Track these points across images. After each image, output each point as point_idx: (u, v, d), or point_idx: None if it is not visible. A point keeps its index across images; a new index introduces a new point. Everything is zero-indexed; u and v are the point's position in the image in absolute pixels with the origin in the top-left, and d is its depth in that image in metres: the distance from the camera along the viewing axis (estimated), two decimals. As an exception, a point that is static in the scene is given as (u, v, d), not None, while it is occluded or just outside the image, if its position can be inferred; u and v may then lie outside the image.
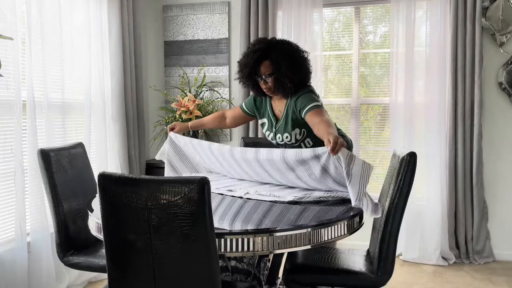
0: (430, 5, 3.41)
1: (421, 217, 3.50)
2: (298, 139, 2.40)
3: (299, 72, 2.28)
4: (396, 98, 3.48)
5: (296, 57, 2.29)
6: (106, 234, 1.44)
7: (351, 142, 2.54)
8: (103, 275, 3.05)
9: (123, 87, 3.35)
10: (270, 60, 2.25)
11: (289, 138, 2.39)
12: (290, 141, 2.41)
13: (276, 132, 2.45)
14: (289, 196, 1.95)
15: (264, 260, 1.98)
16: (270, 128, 2.48)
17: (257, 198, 1.99)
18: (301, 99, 2.27)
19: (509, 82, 3.34)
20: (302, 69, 2.30)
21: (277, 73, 2.25)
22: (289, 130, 2.37)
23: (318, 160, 1.87)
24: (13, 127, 2.45)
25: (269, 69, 2.26)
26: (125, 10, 3.35)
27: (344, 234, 1.66)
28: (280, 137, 2.42)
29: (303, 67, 2.31)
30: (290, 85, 2.27)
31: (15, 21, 2.42)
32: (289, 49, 2.29)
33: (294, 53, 2.29)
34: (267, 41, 2.32)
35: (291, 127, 2.35)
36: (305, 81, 2.34)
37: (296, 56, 2.29)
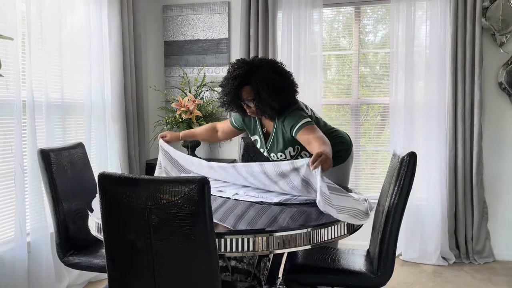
0: (430, 5, 3.41)
1: (421, 217, 3.50)
2: (293, 155, 2.37)
3: (281, 97, 2.19)
4: (396, 98, 3.48)
5: (276, 84, 2.17)
6: (106, 234, 1.44)
7: (350, 141, 2.54)
8: (103, 275, 3.05)
9: (123, 87, 3.35)
10: (250, 86, 2.18)
11: (283, 156, 2.37)
12: (285, 159, 2.38)
13: (269, 151, 2.42)
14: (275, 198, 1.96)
15: (264, 260, 1.98)
16: (263, 146, 2.45)
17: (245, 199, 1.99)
18: (288, 120, 2.22)
19: (509, 82, 3.34)
20: (284, 93, 2.20)
21: (257, 100, 2.18)
22: (282, 149, 2.34)
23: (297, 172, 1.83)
24: (13, 127, 2.45)
25: (250, 95, 2.20)
26: (125, 10, 3.35)
27: (344, 234, 1.66)
28: (275, 156, 2.40)
29: (285, 92, 2.21)
30: (271, 112, 2.21)
31: (15, 21, 2.42)
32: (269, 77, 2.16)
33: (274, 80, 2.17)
34: (246, 65, 2.21)
35: (283, 146, 2.32)
36: (289, 103, 2.25)
37: (277, 83, 2.18)
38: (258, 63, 2.22)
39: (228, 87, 2.23)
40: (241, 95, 2.22)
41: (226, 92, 2.25)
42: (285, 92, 2.21)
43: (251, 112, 2.29)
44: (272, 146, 2.38)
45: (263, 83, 2.14)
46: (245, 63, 2.23)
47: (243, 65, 2.21)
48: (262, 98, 2.16)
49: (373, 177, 3.79)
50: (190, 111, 3.57)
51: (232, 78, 2.20)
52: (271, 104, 2.17)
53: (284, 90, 2.21)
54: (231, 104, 2.29)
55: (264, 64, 2.22)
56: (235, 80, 2.18)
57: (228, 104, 2.29)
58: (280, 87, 2.18)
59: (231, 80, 2.20)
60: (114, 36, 3.27)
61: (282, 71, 2.25)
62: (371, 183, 3.79)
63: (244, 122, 2.51)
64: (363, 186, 3.80)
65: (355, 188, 3.74)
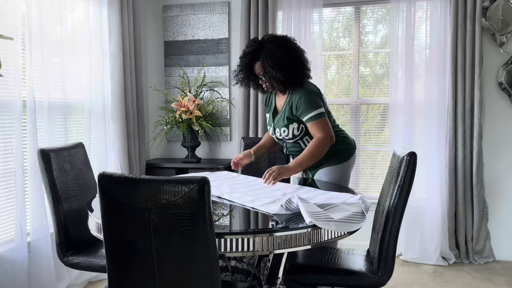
0: (430, 5, 3.41)
1: (421, 217, 3.50)
2: (296, 135, 2.41)
3: (284, 70, 2.29)
4: (396, 98, 3.48)
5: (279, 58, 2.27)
6: (106, 234, 1.44)
7: (354, 144, 2.55)
8: (103, 275, 3.05)
9: (123, 87, 3.34)
10: (260, 61, 2.33)
11: (286, 132, 2.42)
12: (287, 136, 2.43)
13: (275, 126, 2.49)
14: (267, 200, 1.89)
15: (264, 260, 1.98)
16: (271, 122, 2.53)
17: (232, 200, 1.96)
18: (303, 102, 2.31)
19: (509, 82, 3.34)
20: (287, 67, 2.29)
21: (265, 74, 2.32)
22: (286, 124, 2.40)
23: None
24: (13, 127, 2.45)
25: (261, 70, 2.35)
26: (125, 10, 3.35)
27: (344, 234, 1.66)
28: (278, 131, 2.47)
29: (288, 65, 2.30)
30: (277, 84, 2.33)
31: (15, 21, 2.42)
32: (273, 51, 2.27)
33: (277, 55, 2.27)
34: (256, 42, 2.36)
35: (288, 121, 2.39)
36: (297, 80, 2.35)
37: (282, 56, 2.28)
38: (266, 39, 2.35)
39: (241, 65, 2.40)
40: (255, 70, 2.38)
41: (240, 69, 2.42)
42: (290, 64, 2.30)
43: (266, 87, 2.42)
44: (279, 121, 2.46)
45: (267, 57, 2.28)
46: (255, 41, 2.38)
47: (254, 43, 2.36)
48: (267, 71, 2.30)
49: (373, 177, 3.79)
50: (190, 111, 3.57)
51: (244, 56, 2.38)
52: (276, 77, 2.29)
53: (287, 64, 2.30)
54: (246, 80, 2.43)
55: (272, 40, 2.33)
56: (247, 57, 2.36)
57: (243, 80, 2.44)
58: (283, 60, 2.28)
59: (243, 58, 2.38)
60: (114, 36, 3.27)
61: (288, 46, 2.34)
62: (371, 183, 3.79)
63: (265, 103, 2.66)
64: (363, 186, 3.80)
65: (355, 188, 3.74)
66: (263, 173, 2.20)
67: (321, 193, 2.00)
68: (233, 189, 2.07)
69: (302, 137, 2.42)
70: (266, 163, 3.04)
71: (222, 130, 3.90)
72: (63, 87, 2.85)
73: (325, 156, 2.41)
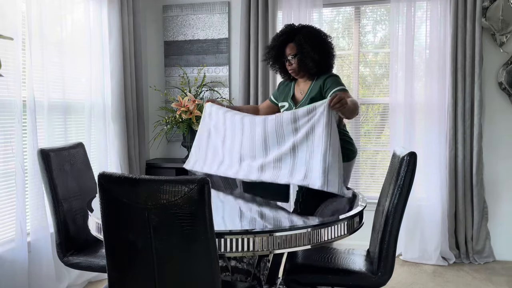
0: (430, 5, 3.41)
1: (421, 217, 3.50)
2: None
3: (321, 53, 2.43)
4: (396, 98, 3.48)
5: (318, 40, 2.45)
6: (106, 234, 1.44)
7: (355, 148, 2.58)
8: (103, 275, 3.05)
9: (123, 87, 3.35)
10: (294, 42, 2.45)
11: None
12: None
13: None
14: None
15: (264, 260, 1.98)
16: (290, 108, 2.57)
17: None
18: (331, 80, 2.43)
19: (509, 82, 3.34)
20: (324, 50, 2.45)
21: (300, 54, 2.43)
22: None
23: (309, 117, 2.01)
24: (13, 127, 2.45)
25: (293, 51, 2.45)
26: (125, 10, 3.35)
27: (344, 234, 1.66)
28: None
29: (325, 49, 2.46)
30: (312, 65, 2.43)
31: (15, 21, 2.42)
32: (312, 32, 2.46)
33: (316, 35, 2.46)
34: (293, 26, 2.51)
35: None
36: (328, 63, 2.49)
37: (318, 39, 2.45)
38: (303, 25, 2.54)
39: (273, 43, 2.53)
40: (285, 52, 2.49)
41: (272, 47, 2.54)
42: (326, 49, 2.47)
43: (292, 69, 2.50)
44: (303, 105, 2.49)
45: (306, 38, 2.41)
46: (291, 25, 2.54)
47: (290, 26, 2.52)
48: (304, 51, 2.41)
49: (373, 177, 3.79)
50: (190, 111, 3.57)
51: (278, 35, 2.51)
52: (313, 57, 2.41)
53: (325, 47, 2.47)
54: (275, 60, 2.55)
55: (308, 26, 2.54)
56: (281, 36, 2.49)
57: (272, 58, 2.55)
58: (322, 43, 2.46)
59: (277, 37, 2.51)
60: (114, 36, 3.27)
61: (323, 33, 2.53)
62: (371, 183, 3.79)
63: (278, 91, 2.72)
64: (363, 186, 3.80)
65: (355, 188, 3.74)
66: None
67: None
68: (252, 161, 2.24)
69: None
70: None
71: (222, 130, 3.90)
72: (63, 87, 2.85)
73: None
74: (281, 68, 2.59)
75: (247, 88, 3.70)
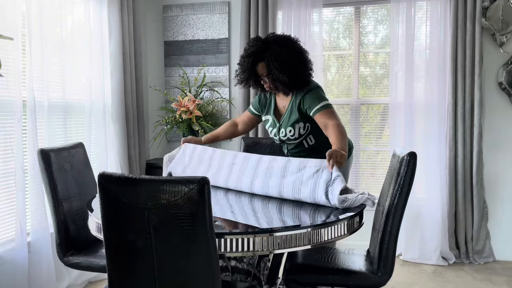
0: (430, 5, 3.41)
1: (421, 217, 3.50)
2: (302, 134, 2.40)
3: (291, 72, 2.27)
4: (396, 98, 3.48)
5: (288, 59, 2.25)
6: (106, 234, 1.44)
7: (351, 143, 2.55)
8: (103, 275, 3.05)
9: (123, 87, 3.35)
10: (264, 62, 2.28)
11: (292, 132, 2.40)
12: (293, 136, 2.41)
13: (280, 127, 2.46)
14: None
15: (264, 260, 1.98)
16: (274, 124, 2.50)
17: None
18: (309, 97, 2.30)
19: (509, 82, 3.34)
20: (294, 68, 2.28)
21: (270, 75, 2.28)
22: (293, 123, 2.38)
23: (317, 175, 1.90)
24: (13, 127, 2.45)
25: (264, 70, 2.30)
26: (125, 10, 3.35)
27: (344, 234, 1.66)
28: (284, 131, 2.43)
29: (295, 67, 2.28)
30: (282, 87, 2.30)
31: (15, 21, 2.42)
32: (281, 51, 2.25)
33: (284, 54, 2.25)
34: (260, 42, 2.31)
35: (295, 120, 2.37)
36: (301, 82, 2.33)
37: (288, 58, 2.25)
38: (271, 40, 2.30)
39: (244, 65, 2.34)
40: (257, 71, 2.32)
41: (243, 70, 2.36)
42: (295, 67, 2.28)
43: (268, 88, 2.37)
44: (285, 121, 2.43)
45: (273, 59, 2.23)
46: (259, 40, 2.32)
47: (257, 43, 2.31)
48: (273, 73, 2.25)
49: (373, 178, 3.79)
50: (190, 111, 3.57)
51: (247, 56, 2.32)
52: (282, 79, 2.26)
53: (294, 65, 2.28)
54: (248, 81, 2.39)
55: (277, 40, 2.29)
56: (250, 57, 2.30)
57: (246, 81, 2.40)
58: (290, 62, 2.26)
59: (246, 58, 2.32)
60: (114, 36, 3.27)
61: (293, 47, 2.31)
62: (371, 183, 3.79)
63: (259, 103, 2.58)
64: (363, 186, 3.80)
65: (355, 188, 3.74)
66: None
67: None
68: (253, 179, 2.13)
69: (306, 136, 2.42)
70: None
71: (222, 130, 3.90)
72: (63, 87, 2.85)
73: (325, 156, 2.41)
74: (255, 84, 2.42)
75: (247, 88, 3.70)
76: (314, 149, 2.43)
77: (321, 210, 1.80)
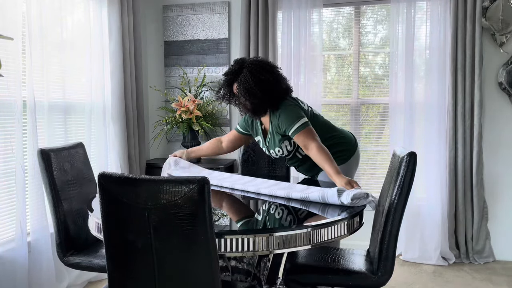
0: (430, 5, 3.41)
1: (421, 217, 3.50)
2: (290, 151, 2.43)
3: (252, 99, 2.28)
4: (396, 98, 3.48)
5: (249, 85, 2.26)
6: (106, 234, 1.44)
7: (355, 141, 2.54)
8: (103, 275, 3.05)
9: (123, 87, 3.35)
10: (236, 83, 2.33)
11: (281, 151, 2.44)
12: (283, 154, 2.45)
13: (268, 148, 2.48)
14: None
15: (264, 260, 1.98)
16: (263, 144, 2.52)
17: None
18: (283, 119, 2.30)
19: (509, 82, 3.34)
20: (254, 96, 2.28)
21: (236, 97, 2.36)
22: (278, 144, 2.40)
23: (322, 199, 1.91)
24: (13, 127, 2.45)
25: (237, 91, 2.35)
26: (125, 10, 3.35)
27: (344, 234, 1.66)
28: (273, 152, 2.47)
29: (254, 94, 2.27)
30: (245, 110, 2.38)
31: (15, 21, 2.42)
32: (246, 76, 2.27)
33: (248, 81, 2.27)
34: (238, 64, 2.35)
35: (279, 141, 2.39)
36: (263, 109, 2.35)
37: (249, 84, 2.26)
38: (246, 64, 2.32)
39: (222, 82, 2.42)
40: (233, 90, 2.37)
41: (221, 87, 2.43)
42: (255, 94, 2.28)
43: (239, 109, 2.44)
44: (270, 142, 2.44)
45: (240, 83, 2.29)
46: (237, 62, 2.37)
47: (236, 65, 2.36)
48: (239, 96, 2.33)
49: (373, 178, 3.79)
50: (190, 111, 3.57)
51: (225, 74, 2.39)
52: (245, 104, 2.34)
53: (254, 93, 2.28)
54: (224, 97, 2.43)
55: (248, 66, 2.31)
56: (227, 76, 2.37)
57: (222, 98, 2.44)
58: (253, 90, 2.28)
59: (225, 76, 2.39)
60: (114, 36, 3.27)
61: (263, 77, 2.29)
62: (371, 183, 3.79)
63: (246, 123, 2.60)
64: (363, 186, 3.80)
65: (355, 188, 3.73)
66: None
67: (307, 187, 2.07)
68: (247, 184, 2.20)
69: (297, 149, 2.44)
70: (266, 163, 3.04)
71: (222, 130, 3.90)
72: (63, 87, 2.85)
73: None
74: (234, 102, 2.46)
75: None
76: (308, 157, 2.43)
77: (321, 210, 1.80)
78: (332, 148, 2.40)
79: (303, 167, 2.54)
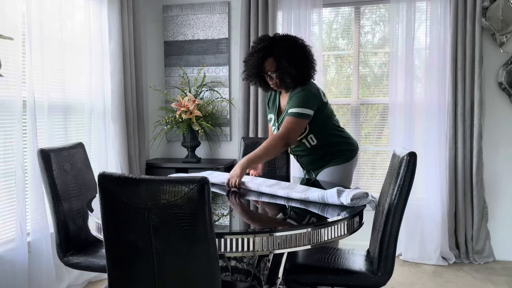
0: (430, 5, 3.41)
1: (421, 217, 3.50)
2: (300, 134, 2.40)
3: (299, 67, 2.33)
4: (396, 98, 3.48)
5: (296, 53, 2.33)
6: (106, 234, 1.44)
7: (357, 146, 2.55)
8: (103, 275, 3.05)
9: (123, 87, 3.35)
10: (273, 57, 2.33)
11: None
12: None
13: (279, 126, 2.47)
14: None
15: (264, 260, 1.98)
16: (275, 122, 2.53)
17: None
18: (295, 97, 2.34)
19: (509, 82, 3.34)
20: (303, 64, 2.35)
21: (279, 70, 2.32)
22: None
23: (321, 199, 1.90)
24: (13, 127, 2.45)
25: (273, 66, 2.34)
26: (125, 10, 3.35)
27: (344, 234, 1.66)
28: None
29: (304, 63, 2.35)
30: (289, 81, 2.34)
31: (15, 21, 2.43)
32: (290, 46, 2.33)
33: (293, 49, 2.33)
34: (270, 39, 2.37)
35: None
36: (306, 77, 2.38)
37: (296, 52, 2.33)
38: (279, 38, 2.38)
39: (252, 61, 2.38)
40: (264, 67, 2.37)
41: (250, 66, 2.40)
42: (304, 62, 2.35)
43: (274, 84, 2.41)
44: (283, 120, 2.45)
45: (284, 53, 2.30)
46: (267, 38, 2.38)
47: (266, 40, 2.37)
48: (282, 66, 2.30)
49: (373, 178, 3.79)
50: (190, 111, 3.57)
51: (256, 51, 2.36)
52: (290, 72, 2.31)
53: (303, 60, 2.34)
54: (255, 77, 2.42)
55: (286, 38, 2.37)
56: (259, 52, 2.34)
57: (253, 76, 2.43)
58: (299, 57, 2.33)
59: (255, 53, 2.36)
60: (114, 36, 3.27)
61: (302, 44, 2.39)
62: (371, 183, 3.79)
63: (268, 103, 2.64)
64: (363, 186, 3.80)
65: (355, 188, 3.73)
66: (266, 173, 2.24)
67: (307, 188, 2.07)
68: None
69: (306, 135, 2.41)
70: (266, 163, 3.04)
71: (222, 130, 3.90)
72: (63, 87, 2.85)
73: (329, 156, 2.43)
74: (261, 82, 2.47)
75: (247, 88, 3.70)
76: (317, 149, 2.43)
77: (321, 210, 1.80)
78: (341, 145, 2.44)
79: (306, 158, 2.52)
